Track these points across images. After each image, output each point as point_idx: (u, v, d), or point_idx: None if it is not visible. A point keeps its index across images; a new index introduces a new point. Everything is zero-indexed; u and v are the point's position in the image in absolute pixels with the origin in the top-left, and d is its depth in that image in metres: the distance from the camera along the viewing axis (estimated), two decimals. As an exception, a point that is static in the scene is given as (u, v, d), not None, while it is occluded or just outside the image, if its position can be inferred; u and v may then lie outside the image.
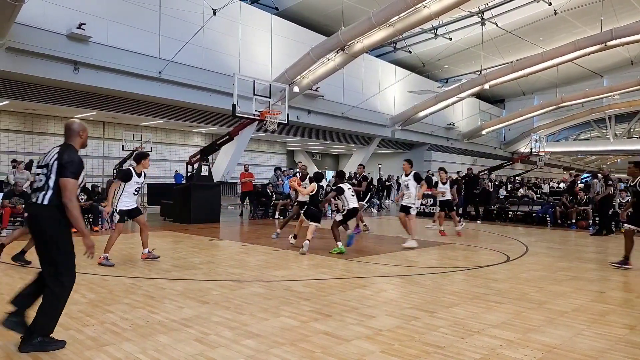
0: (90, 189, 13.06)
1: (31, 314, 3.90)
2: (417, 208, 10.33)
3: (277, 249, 9.49)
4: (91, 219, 12.25)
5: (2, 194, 11.79)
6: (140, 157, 7.92)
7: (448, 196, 13.00)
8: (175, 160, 26.77)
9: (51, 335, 3.86)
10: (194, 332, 4.34)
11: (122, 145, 23.74)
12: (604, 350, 4.06)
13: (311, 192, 9.49)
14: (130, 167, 7.81)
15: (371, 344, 4.10)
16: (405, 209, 10.23)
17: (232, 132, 15.32)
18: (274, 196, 17.41)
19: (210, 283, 6.35)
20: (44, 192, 3.89)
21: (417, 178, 10.28)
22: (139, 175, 7.80)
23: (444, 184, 13.11)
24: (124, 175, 7.75)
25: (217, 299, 5.50)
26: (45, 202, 3.88)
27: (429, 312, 5.12)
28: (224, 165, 22.85)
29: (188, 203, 14.40)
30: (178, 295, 5.66)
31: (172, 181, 23.97)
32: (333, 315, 4.94)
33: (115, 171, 23.49)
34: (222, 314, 4.90)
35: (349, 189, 9.47)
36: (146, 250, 8.00)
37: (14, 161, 13.90)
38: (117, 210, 7.79)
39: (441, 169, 13.75)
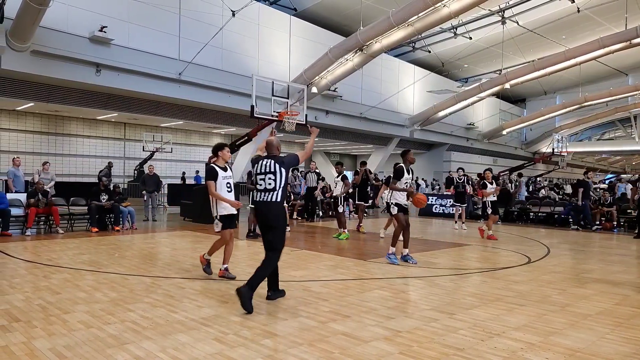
0: (112, 189, 13.23)
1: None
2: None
3: (296, 249, 9.50)
4: (112, 219, 12.41)
5: (26, 194, 12.02)
6: (217, 148, 6.61)
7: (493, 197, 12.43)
8: (195, 161, 27.01)
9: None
10: (213, 331, 4.37)
11: (143, 146, 24.06)
12: (629, 355, 3.98)
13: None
14: (213, 164, 6.59)
15: (390, 346, 4.07)
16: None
17: (251, 133, 15.37)
18: (292, 196, 17.42)
19: (229, 283, 6.38)
20: (275, 193, 5.34)
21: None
22: (224, 169, 6.53)
23: (491, 184, 12.50)
24: (209, 174, 6.48)
25: (236, 299, 5.51)
26: (278, 199, 5.35)
27: (448, 313, 5.07)
28: (243, 166, 22.97)
29: (208, 203, 14.47)
30: (197, 295, 5.70)
31: (192, 181, 24.21)
32: (351, 316, 4.92)
33: (135, 172, 23.83)
34: (241, 314, 4.92)
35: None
36: (224, 266, 6.82)
37: (45, 163, 14.19)
38: (218, 217, 6.55)
39: (488, 169, 13.33)
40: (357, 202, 13.76)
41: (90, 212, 12.02)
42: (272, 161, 5.40)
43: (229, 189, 6.60)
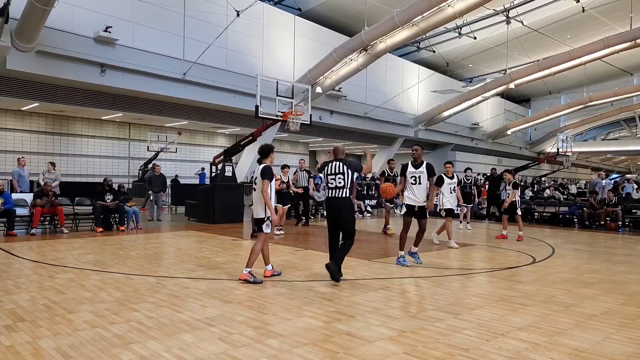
0: (116, 189, 13.26)
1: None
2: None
3: (300, 249, 9.51)
4: (117, 219, 12.44)
5: (31, 194, 12.07)
6: (269, 150, 6.67)
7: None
8: (200, 160, 27.04)
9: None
10: (218, 331, 4.38)
11: (148, 146, 24.10)
12: (634, 355, 3.97)
13: None
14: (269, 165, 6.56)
15: (394, 345, 4.07)
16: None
17: (255, 133, 15.40)
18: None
19: (233, 282, 6.38)
20: (345, 190, 6.57)
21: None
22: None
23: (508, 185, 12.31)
24: (268, 174, 6.37)
25: (240, 299, 5.53)
26: (347, 195, 6.60)
27: (453, 313, 5.06)
28: (247, 166, 22.99)
29: (212, 203, 14.53)
30: (202, 295, 5.71)
31: (196, 181, 24.25)
32: (356, 316, 4.92)
33: (140, 172, 23.87)
34: (246, 314, 4.92)
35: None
36: (270, 266, 6.81)
37: (51, 163, 14.27)
38: (268, 219, 6.46)
39: (507, 171, 13.31)
40: (384, 203, 12.93)
41: (95, 212, 12.06)
42: (340, 163, 6.66)
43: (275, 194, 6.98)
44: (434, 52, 30.76)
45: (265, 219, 6.40)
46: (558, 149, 25.99)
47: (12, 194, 11.89)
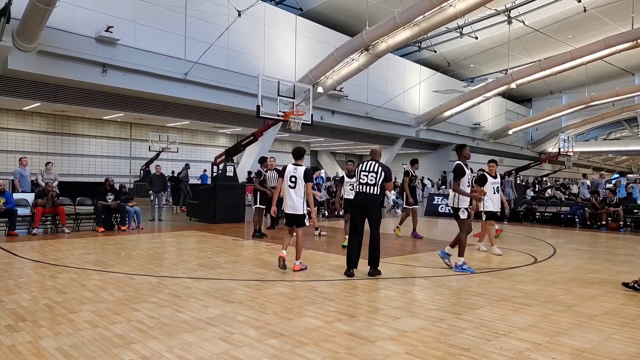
0: (118, 189, 13.27)
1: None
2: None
3: (302, 250, 9.49)
4: (118, 219, 12.44)
5: (33, 194, 12.08)
6: (303, 152, 7.56)
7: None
8: (201, 160, 27.05)
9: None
10: (219, 331, 4.37)
11: (149, 146, 24.13)
12: (636, 355, 3.96)
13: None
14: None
15: (396, 345, 4.07)
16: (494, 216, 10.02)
17: (257, 133, 15.40)
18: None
19: (235, 282, 6.38)
20: (375, 187, 6.95)
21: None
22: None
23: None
24: (310, 177, 7.27)
25: (242, 299, 5.53)
26: (377, 193, 6.97)
27: (454, 313, 5.06)
28: (248, 166, 23.01)
29: (213, 203, 14.54)
30: (203, 295, 5.71)
31: (198, 181, 24.26)
32: (357, 316, 4.92)
33: (142, 172, 23.90)
34: (247, 314, 4.92)
35: None
36: (298, 262, 7.28)
37: (47, 163, 14.27)
38: (309, 214, 7.35)
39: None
40: (406, 205, 12.10)
41: (97, 211, 12.06)
42: (376, 163, 7.09)
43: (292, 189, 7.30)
44: (435, 52, 30.77)
45: (306, 214, 7.27)
46: (559, 149, 25.96)
47: (14, 193, 11.90)
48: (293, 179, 7.17)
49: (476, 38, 28.73)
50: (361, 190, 7.04)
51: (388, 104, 26.38)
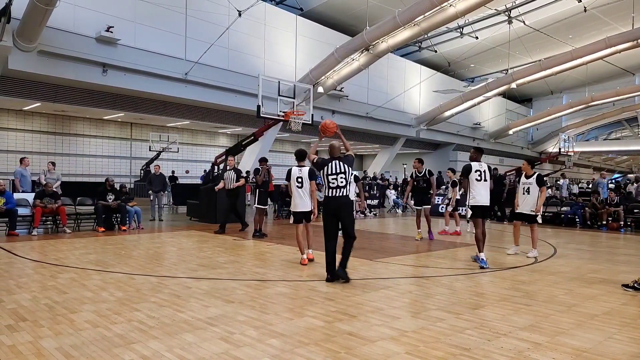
0: (118, 189, 13.28)
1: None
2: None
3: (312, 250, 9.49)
4: (119, 219, 12.45)
5: (33, 194, 12.08)
6: (305, 154, 8.00)
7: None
8: (202, 160, 27.06)
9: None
10: (220, 331, 4.38)
11: (149, 146, 24.14)
12: (636, 355, 3.96)
13: None
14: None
15: (396, 345, 4.07)
16: (528, 218, 9.19)
17: (257, 132, 15.40)
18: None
19: (235, 282, 6.39)
20: (346, 189, 6.59)
21: (540, 181, 9.13)
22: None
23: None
24: (313, 174, 7.85)
25: (242, 299, 5.53)
26: (349, 194, 6.65)
27: (454, 313, 5.06)
28: (249, 166, 22.99)
29: (213, 203, 14.53)
30: (204, 295, 5.71)
31: (200, 181, 24.27)
32: (358, 315, 4.92)
33: (142, 172, 23.91)
34: (247, 313, 4.93)
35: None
36: (310, 250, 8.32)
37: (51, 163, 14.28)
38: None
39: (451, 170, 13.55)
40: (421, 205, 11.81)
41: (97, 211, 12.07)
42: (342, 162, 6.66)
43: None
44: (436, 52, 30.74)
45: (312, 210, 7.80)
46: (560, 149, 25.97)
47: (14, 193, 11.90)
48: (299, 180, 7.80)
49: (476, 38, 28.70)
50: (332, 195, 6.61)
51: (388, 104, 26.37)
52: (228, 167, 12.68)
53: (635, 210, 15.13)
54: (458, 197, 13.02)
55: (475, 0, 15.76)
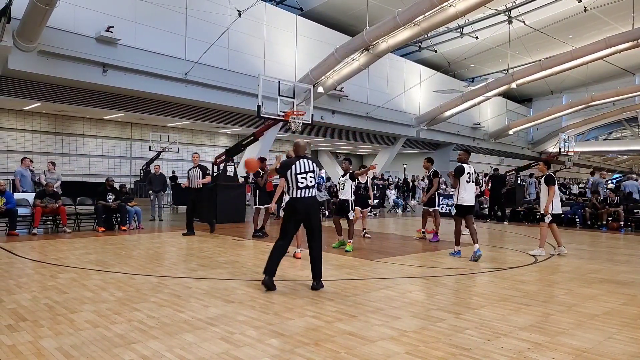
0: (118, 189, 13.28)
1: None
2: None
3: (302, 249, 9.49)
4: (119, 219, 12.45)
5: (33, 194, 12.08)
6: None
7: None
8: (202, 160, 27.02)
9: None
10: (220, 330, 4.38)
11: (149, 146, 24.12)
12: (636, 355, 3.96)
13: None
14: None
15: (396, 345, 4.07)
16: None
17: (257, 133, 15.40)
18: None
19: (235, 282, 6.39)
20: (314, 189, 6.19)
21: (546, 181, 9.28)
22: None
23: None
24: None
25: (242, 298, 5.53)
26: (315, 195, 6.23)
27: (454, 313, 5.06)
28: (249, 166, 22.96)
29: (214, 203, 14.53)
30: (204, 294, 5.71)
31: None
32: (358, 315, 4.92)
33: (142, 172, 23.89)
34: (248, 313, 4.93)
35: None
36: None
37: (51, 163, 14.29)
38: None
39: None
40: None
41: (97, 211, 12.07)
42: (310, 161, 6.29)
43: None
44: (436, 51, 30.75)
45: None
46: (560, 149, 25.92)
47: (14, 193, 11.90)
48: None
49: (476, 38, 28.70)
50: (301, 195, 6.10)
51: (388, 104, 26.36)
52: (193, 164, 12.03)
53: (635, 210, 15.13)
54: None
55: (475, 0, 15.76)
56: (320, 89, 20.70)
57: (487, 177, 19.71)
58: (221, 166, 15.60)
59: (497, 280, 6.87)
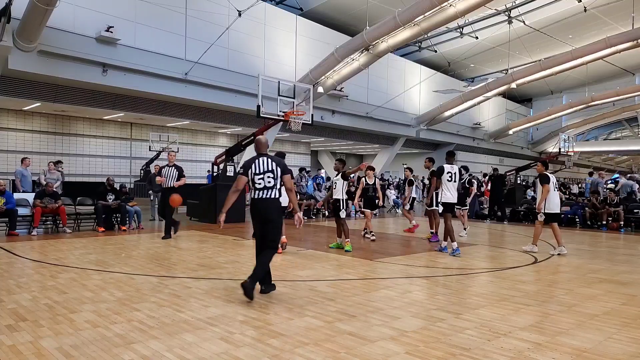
0: (118, 188, 13.27)
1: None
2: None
3: (302, 249, 9.51)
4: (119, 219, 12.45)
5: (34, 194, 12.08)
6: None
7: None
8: (202, 160, 27.06)
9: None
10: (219, 330, 4.38)
11: (149, 146, 24.12)
12: (636, 355, 3.96)
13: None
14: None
15: (396, 345, 4.07)
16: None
17: (257, 132, 15.40)
18: (298, 196, 17.51)
19: (235, 282, 6.38)
20: (274, 190, 5.65)
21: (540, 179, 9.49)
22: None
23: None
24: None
25: (242, 298, 5.53)
26: (277, 196, 5.68)
27: (454, 313, 5.06)
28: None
29: (214, 203, 14.54)
30: (204, 294, 5.71)
31: (200, 181, 24.25)
32: (357, 315, 4.92)
33: (142, 172, 23.89)
34: (247, 313, 4.93)
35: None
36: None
37: (54, 162, 14.28)
38: None
39: (408, 169, 14.07)
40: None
41: (97, 211, 12.07)
42: (268, 159, 5.72)
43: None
44: (436, 51, 30.76)
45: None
46: (560, 149, 25.91)
47: (14, 193, 11.90)
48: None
49: (476, 38, 28.71)
50: (258, 197, 5.64)
51: (388, 104, 26.36)
52: (168, 164, 11.32)
53: (635, 210, 15.13)
54: (414, 195, 13.74)
55: (475, 0, 15.76)
56: (320, 89, 20.70)
57: (487, 177, 19.71)
58: (221, 166, 15.60)
59: (497, 280, 6.87)
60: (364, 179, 11.53)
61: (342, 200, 9.79)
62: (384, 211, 21.61)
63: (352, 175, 11.83)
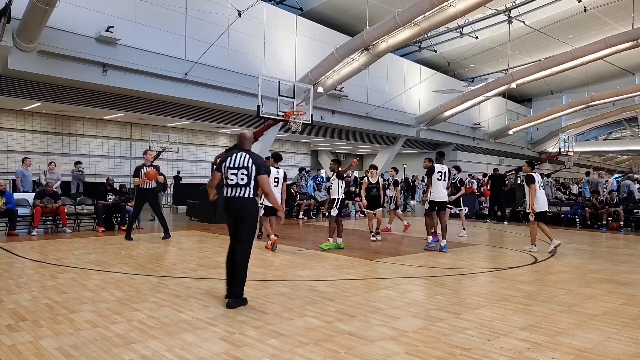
0: (118, 189, 13.27)
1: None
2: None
3: (302, 249, 9.51)
4: (119, 219, 12.45)
5: (34, 194, 12.09)
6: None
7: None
8: (202, 160, 27.06)
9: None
10: (219, 330, 4.38)
11: (149, 146, 24.12)
12: (636, 355, 3.96)
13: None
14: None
15: (396, 345, 4.07)
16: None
17: (257, 133, 15.40)
18: (298, 196, 17.52)
19: (235, 282, 6.38)
20: (247, 188, 5.28)
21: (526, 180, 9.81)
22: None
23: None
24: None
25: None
26: (251, 195, 5.31)
27: (454, 313, 5.06)
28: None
29: (214, 203, 14.51)
30: (204, 294, 5.71)
31: (200, 181, 24.23)
32: (357, 315, 4.92)
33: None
34: (247, 313, 4.93)
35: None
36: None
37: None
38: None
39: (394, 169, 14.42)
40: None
41: (97, 211, 12.07)
42: (245, 155, 5.35)
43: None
44: (436, 51, 30.75)
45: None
46: (560, 149, 25.94)
47: (15, 193, 11.90)
48: (276, 179, 9.36)
49: (476, 38, 28.69)
50: (231, 194, 5.31)
51: (388, 104, 26.35)
52: (145, 163, 11.21)
53: (635, 210, 15.13)
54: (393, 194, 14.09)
55: (475, 0, 15.76)
56: (320, 89, 20.69)
57: (487, 177, 19.70)
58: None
59: (496, 280, 6.87)
60: (366, 178, 11.54)
61: (338, 199, 9.79)
62: (384, 211, 21.61)
63: (347, 175, 11.87)
